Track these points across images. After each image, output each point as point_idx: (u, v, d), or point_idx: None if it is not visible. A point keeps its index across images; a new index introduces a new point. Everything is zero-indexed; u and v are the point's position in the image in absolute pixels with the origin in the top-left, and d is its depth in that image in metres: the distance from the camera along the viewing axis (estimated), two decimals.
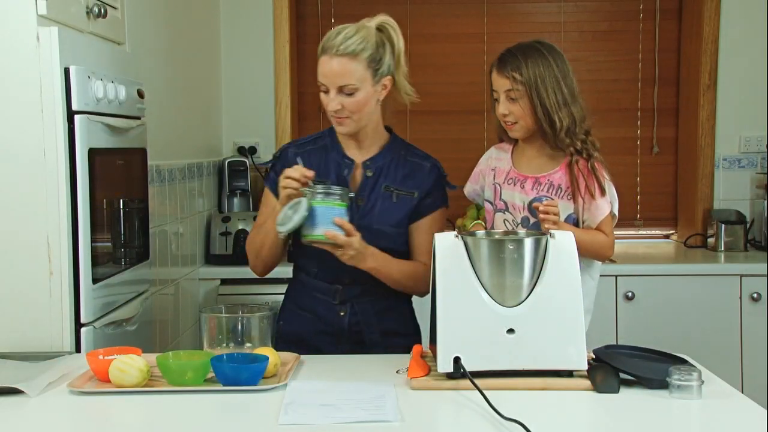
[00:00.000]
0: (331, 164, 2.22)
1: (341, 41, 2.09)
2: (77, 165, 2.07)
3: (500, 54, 2.26)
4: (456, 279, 1.81)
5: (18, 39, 2.02)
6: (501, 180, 2.28)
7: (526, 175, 2.26)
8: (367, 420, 1.57)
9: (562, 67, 2.23)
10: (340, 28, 2.13)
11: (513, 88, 2.19)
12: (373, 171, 2.22)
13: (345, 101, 2.10)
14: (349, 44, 2.08)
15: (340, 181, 2.20)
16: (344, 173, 2.21)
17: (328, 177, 2.19)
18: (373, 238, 2.14)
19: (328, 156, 2.23)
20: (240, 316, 1.96)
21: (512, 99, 2.20)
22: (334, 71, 2.09)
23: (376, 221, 2.18)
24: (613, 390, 1.73)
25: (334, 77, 2.09)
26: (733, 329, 3.45)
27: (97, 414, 1.68)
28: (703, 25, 3.97)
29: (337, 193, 2.04)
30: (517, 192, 2.25)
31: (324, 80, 2.11)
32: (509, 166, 2.29)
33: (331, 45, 2.09)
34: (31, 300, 2.06)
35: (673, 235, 4.27)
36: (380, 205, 2.20)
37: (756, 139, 4.02)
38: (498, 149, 2.35)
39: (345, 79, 2.09)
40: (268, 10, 4.00)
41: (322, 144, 2.26)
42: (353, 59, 2.09)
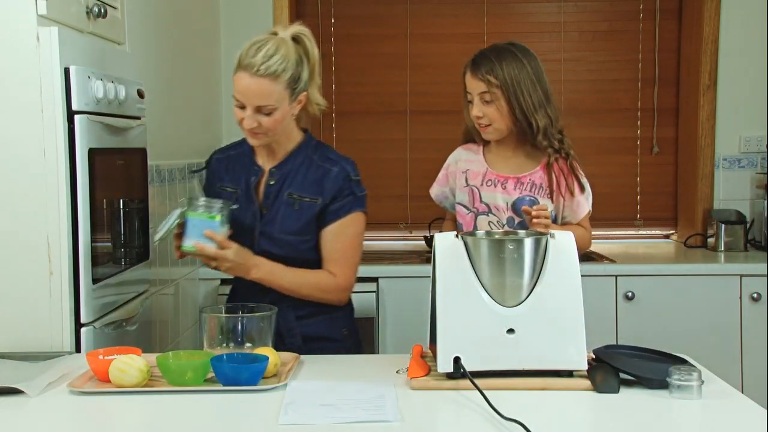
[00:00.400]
0: (243, 171, 2.25)
1: (262, 60, 2.04)
2: (77, 165, 2.07)
3: (473, 56, 2.27)
4: (456, 279, 1.81)
5: (18, 39, 2.02)
6: (478, 182, 2.28)
7: (506, 176, 2.26)
8: (367, 420, 1.57)
9: (536, 68, 2.23)
10: (260, 43, 2.08)
11: (488, 90, 2.20)
12: (276, 179, 2.21)
13: (262, 120, 2.10)
14: (270, 65, 2.05)
15: (249, 188, 2.23)
16: (252, 181, 2.24)
17: (239, 184, 2.24)
18: (276, 246, 2.18)
19: (243, 162, 2.26)
20: (240, 316, 1.96)
21: (487, 101, 2.21)
22: (253, 92, 2.06)
23: (277, 230, 2.19)
24: (613, 390, 1.73)
25: (253, 98, 2.07)
26: (733, 329, 3.45)
27: (97, 414, 1.68)
28: (703, 25, 3.98)
29: (214, 206, 2.07)
30: (499, 193, 2.26)
31: (241, 98, 2.09)
32: (484, 167, 2.28)
33: (251, 63, 2.05)
34: (31, 300, 2.06)
35: (673, 235, 4.27)
36: (282, 213, 2.20)
37: (756, 139, 4.02)
38: (466, 150, 2.34)
39: (264, 100, 2.07)
40: (268, 10, 4.00)
41: (241, 150, 2.29)
42: (274, 81, 2.06)
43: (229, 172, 2.28)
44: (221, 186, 2.28)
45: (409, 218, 4.08)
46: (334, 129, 4.13)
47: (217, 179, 2.30)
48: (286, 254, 2.19)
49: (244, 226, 2.21)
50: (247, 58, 2.07)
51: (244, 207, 2.22)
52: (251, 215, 2.21)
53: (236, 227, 2.18)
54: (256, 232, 2.20)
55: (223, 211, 2.09)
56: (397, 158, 4.07)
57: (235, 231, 2.17)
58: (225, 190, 2.26)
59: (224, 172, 2.29)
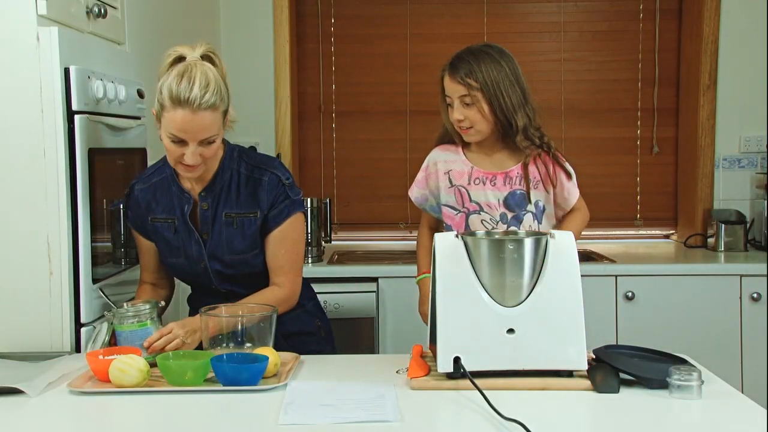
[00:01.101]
0: (174, 199, 2.16)
1: (200, 95, 1.95)
2: (77, 165, 2.07)
3: (451, 59, 2.26)
4: (456, 279, 1.81)
5: (18, 39, 2.02)
6: (464, 182, 2.28)
7: (494, 172, 2.27)
8: (367, 420, 1.57)
9: (514, 68, 2.24)
10: (186, 75, 1.97)
11: (468, 93, 2.20)
12: (208, 203, 2.14)
13: (204, 151, 2.01)
14: (208, 98, 1.96)
15: (185, 218, 2.14)
16: (185, 209, 2.15)
17: (174, 213, 2.16)
18: (227, 266, 2.15)
19: (171, 190, 2.17)
20: (240, 316, 1.96)
21: (467, 104, 2.21)
22: (196, 126, 1.96)
23: (225, 252, 2.15)
24: (613, 390, 1.73)
25: (197, 132, 1.97)
26: (733, 329, 3.45)
27: (97, 414, 1.68)
28: (703, 25, 3.97)
29: (142, 312, 2.02)
30: (489, 190, 2.26)
31: (183, 135, 1.97)
32: (468, 166, 2.29)
33: (189, 99, 1.94)
34: (31, 300, 2.06)
35: (673, 235, 4.27)
36: (225, 234, 2.14)
37: (756, 139, 4.01)
38: (444, 151, 2.34)
39: (207, 132, 1.99)
40: (268, 10, 3.99)
41: (164, 175, 2.18)
42: (214, 111, 1.99)
43: (159, 201, 2.18)
44: (153, 218, 2.18)
45: (409, 218, 4.08)
46: (334, 129, 4.13)
47: (146, 211, 2.19)
48: (238, 271, 2.17)
49: (191, 255, 2.16)
50: (181, 93, 1.95)
51: (184, 237, 2.16)
52: (194, 243, 2.15)
53: (184, 258, 2.16)
54: (204, 258, 2.15)
55: (152, 314, 2.03)
56: (397, 158, 4.07)
57: (185, 261, 2.16)
58: (158, 222, 2.18)
59: (153, 203, 2.18)
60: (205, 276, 2.18)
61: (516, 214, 2.24)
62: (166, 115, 1.98)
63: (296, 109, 4.16)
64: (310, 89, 4.20)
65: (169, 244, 2.18)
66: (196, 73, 1.98)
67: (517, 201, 2.25)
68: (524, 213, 2.25)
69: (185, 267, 2.19)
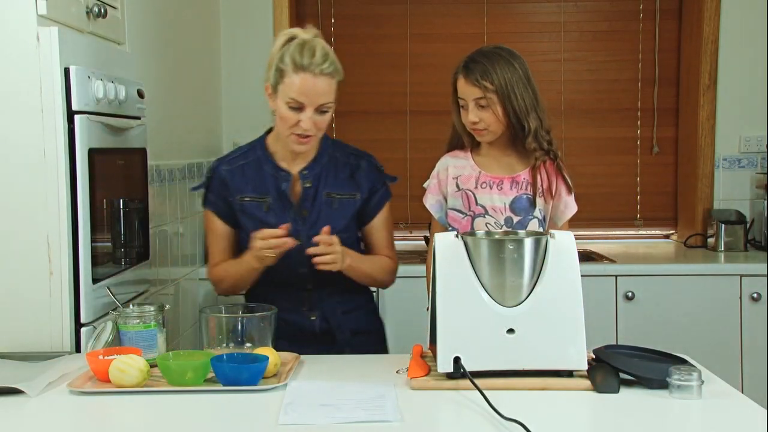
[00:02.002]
0: (267, 178, 2.22)
1: (321, 60, 2.09)
2: (77, 165, 2.07)
3: (464, 62, 2.26)
4: (456, 279, 1.81)
5: (18, 39, 2.02)
6: (471, 186, 2.28)
7: (501, 177, 2.26)
8: (367, 420, 1.57)
9: (525, 70, 2.24)
10: (308, 44, 2.10)
11: (484, 95, 2.19)
12: (311, 181, 2.22)
13: (317, 119, 2.12)
14: (329, 64, 2.10)
15: (280, 195, 2.20)
16: (282, 187, 2.21)
17: (267, 192, 2.21)
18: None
19: (263, 169, 2.23)
20: (240, 316, 1.97)
21: (482, 106, 2.20)
22: (318, 90, 2.09)
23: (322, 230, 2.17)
24: (613, 390, 1.73)
25: (317, 96, 2.10)
26: (733, 329, 3.45)
27: (97, 414, 1.68)
28: (703, 25, 3.97)
29: (147, 313, 2.02)
30: (495, 194, 2.26)
31: (303, 98, 2.10)
32: (476, 171, 2.28)
33: (312, 63, 2.08)
34: (31, 300, 2.06)
35: (673, 235, 4.27)
36: (324, 212, 2.22)
37: (756, 139, 4.02)
38: (453, 158, 2.33)
39: (326, 97, 2.11)
40: (268, 10, 4.00)
41: (254, 157, 2.26)
42: (332, 78, 2.12)
43: (248, 181, 2.23)
44: (241, 198, 2.23)
45: (409, 218, 4.08)
46: (334, 129, 4.13)
47: (234, 191, 2.24)
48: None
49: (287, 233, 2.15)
50: (304, 59, 2.08)
51: (279, 214, 2.20)
52: (290, 221, 2.18)
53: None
54: (301, 236, 2.17)
55: (157, 316, 2.02)
56: (397, 158, 4.07)
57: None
58: (246, 201, 2.23)
59: (241, 182, 2.24)
60: (296, 255, 2.15)
61: (521, 219, 2.24)
62: (286, 81, 2.10)
63: None
64: None
65: (259, 222, 2.19)
66: (316, 45, 2.11)
67: (523, 206, 2.25)
68: (530, 218, 2.25)
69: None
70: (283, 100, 2.12)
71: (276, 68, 2.12)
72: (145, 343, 1.96)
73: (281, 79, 2.11)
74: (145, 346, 1.95)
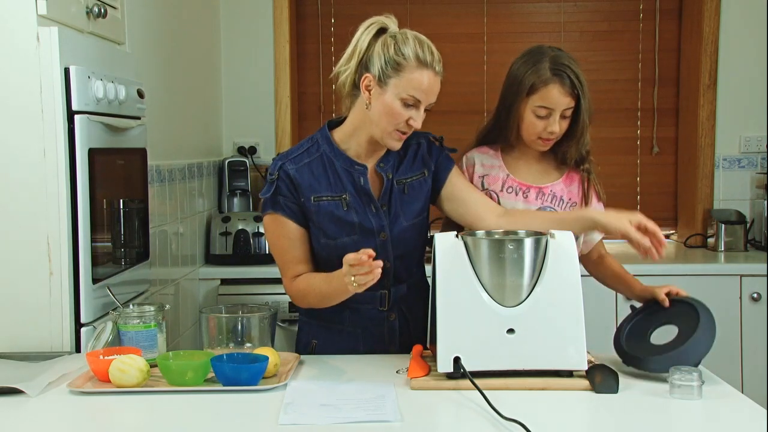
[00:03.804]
0: (342, 174, 2.08)
1: (437, 60, 2.02)
2: (77, 165, 2.07)
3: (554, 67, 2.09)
4: (456, 279, 1.81)
5: (18, 39, 2.02)
6: (497, 188, 2.21)
7: (528, 185, 2.19)
8: (367, 420, 1.57)
9: None
10: (426, 43, 2.02)
11: (572, 106, 2.10)
12: (389, 173, 2.12)
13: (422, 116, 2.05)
14: (440, 64, 2.03)
15: (359, 190, 2.08)
16: (360, 181, 2.08)
17: (343, 189, 2.07)
18: (407, 231, 2.11)
19: (335, 165, 2.08)
20: (240, 316, 1.97)
21: (565, 117, 2.11)
22: (435, 89, 2.02)
23: (404, 218, 2.12)
24: (612, 390, 1.73)
25: (434, 95, 2.03)
26: (733, 329, 3.45)
27: (97, 414, 1.68)
28: (703, 25, 3.97)
29: (147, 313, 2.01)
30: (520, 202, 2.19)
31: (423, 96, 2.00)
32: (504, 173, 2.20)
33: (434, 61, 2.01)
34: (31, 300, 2.06)
35: (673, 235, 4.27)
36: (398, 202, 2.12)
37: (756, 139, 4.02)
38: (482, 154, 2.24)
39: (436, 96, 2.04)
40: (268, 10, 4.00)
41: (318, 155, 2.09)
42: (440, 77, 2.04)
43: (320, 179, 2.07)
44: (316, 198, 2.06)
45: None
46: None
47: (307, 191, 2.06)
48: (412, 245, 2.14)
49: (369, 229, 2.08)
50: (425, 55, 1.99)
51: (359, 211, 2.08)
52: (372, 216, 2.08)
53: (359, 234, 2.07)
54: (385, 228, 2.09)
55: (157, 316, 2.01)
56: None
57: (359, 237, 2.06)
58: (324, 201, 2.07)
59: (313, 181, 2.07)
60: (382, 249, 2.07)
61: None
62: (406, 76, 1.98)
63: (296, 109, 4.16)
64: (310, 89, 4.20)
65: (339, 222, 2.07)
66: (429, 43, 2.03)
67: None
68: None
69: (358, 245, 1.99)
70: (397, 95, 1.99)
71: (391, 61, 1.98)
72: (145, 343, 1.96)
73: (398, 73, 1.98)
74: (145, 346, 1.95)
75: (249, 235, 3.57)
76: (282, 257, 2.10)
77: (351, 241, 2.05)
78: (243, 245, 3.57)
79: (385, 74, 1.99)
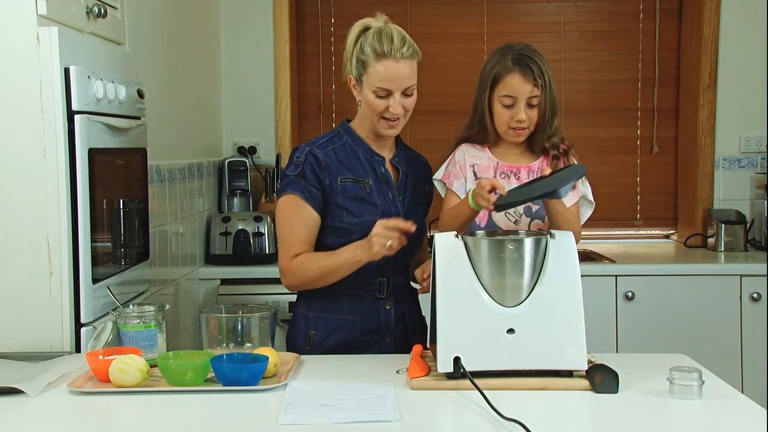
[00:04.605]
0: (364, 161, 2.22)
1: (400, 44, 2.12)
2: (77, 165, 2.07)
3: (516, 57, 2.17)
4: (456, 279, 1.81)
5: (18, 39, 2.02)
6: (489, 175, 2.25)
7: (518, 166, 2.24)
8: (367, 420, 1.57)
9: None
10: (386, 32, 2.14)
11: (536, 94, 2.16)
12: (403, 167, 2.27)
13: (405, 102, 2.15)
14: (407, 47, 2.13)
15: (379, 177, 2.21)
16: (381, 169, 2.22)
17: (366, 174, 2.20)
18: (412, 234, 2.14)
19: (358, 153, 2.22)
20: (240, 316, 1.97)
21: (532, 105, 2.16)
22: (402, 74, 2.12)
23: (415, 215, 2.22)
24: (611, 390, 1.73)
25: (402, 80, 2.13)
26: (733, 329, 3.45)
27: (97, 414, 1.68)
28: (703, 25, 3.98)
29: (147, 313, 2.01)
30: (514, 183, 2.23)
31: (390, 85, 2.12)
32: (494, 161, 2.25)
33: (393, 48, 2.11)
34: (31, 300, 2.06)
35: (673, 235, 4.27)
36: (412, 199, 2.27)
37: (756, 139, 4.02)
38: (472, 147, 2.29)
39: (411, 80, 2.14)
40: (268, 10, 4.00)
41: (341, 143, 2.23)
42: (413, 60, 2.15)
43: (346, 164, 2.20)
44: (343, 179, 2.18)
45: None
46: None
47: (335, 173, 2.18)
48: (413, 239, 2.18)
49: (390, 212, 2.18)
50: (384, 46, 2.11)
51: (380, 195, 2.20)
52: (390, 203, 2.21)
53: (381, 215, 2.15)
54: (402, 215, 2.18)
55: (157, 316, 2.01)
56: None
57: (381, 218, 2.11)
58: (349, 182, 2.18)
59: (341, 165, 2.19)
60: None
61: (539, 209, 2.22)
62: (370, 71, 2.13)
63: (296, 109, 4.16)
64: (310, 89, 4.20)
65: (363, 202, 2.18)
66: (391, 30, 2.15)
67: None
68: None
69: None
70: (369, 89, 2.14)
71: (357, 60, 2.15)
72: (145, 343, 1.96)
73: (364, 69, 2.14)
74: (145, 346, 1.95)
75: (249, 235, 3.57)
76: (289, 236, 2.18)
77: (373, 221, 2.10)
78: (243, 245, 3.57)
79: (359, 72, 2.16)
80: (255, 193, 3.92)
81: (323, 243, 2.19)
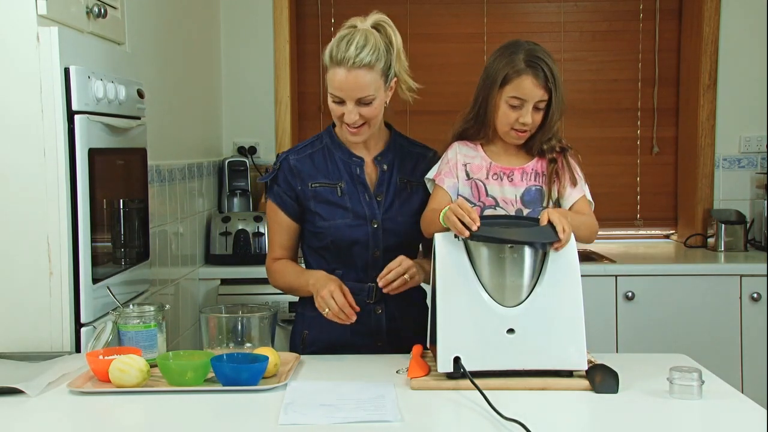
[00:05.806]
0: (339, 164, 2.21)
1: (355, 53, 2.05)
2: (77, 165, 2.07)
3: (528, 59, 2.12)
4: (456, 279, 1.81)
5: (18, 39, 2.02)
6: (482, 176, 2.22)
7: (511, 168, 2.22)
8: (367, 420, 1.57)
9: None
10: (348, 37, 2.09)
11: (545, 98, 2.12)
12: (386, 165, 2.23)
13: (362, 111, 2.10)
14: (363, 56, 2.05)
15: (354, 179, 2.19)
16: (356, 171, 2.20)
17: (339, 177, 2.19)
18: (401, 226, 2.18)
19: (334, 156, 2.22)
20: (240, 316, 1.97)
21: (538, 109, 2.14)
22: (352, 85, 2.06)
23: (399, 213, 2.20)
24: (612, 390, 1.73)
25: (352, 91, 2.07)
26: (733, 329, 3.45)
27: (97, 414, 1.68)
28: (703, 25, 3.98)
29: (146, 313, 2.01)
30: (506, 186, 2.21)
31: (340, 93, 2.08)
32: (487, 161, 2.22)
33: (345, 57, 2.05)
34: (31, 300, 2.06)
35: (673, 235, 4.27)
36: (400, 197, 2.22)
37: (756, 139, 4.02)
38: (464, 146, 2.25)
39: (363, 91, 2.07)
40: (268, 10, 4.00)
41: (320, 146, 2.23)
42: (369, 70, 2.06)
43: (318, 169, 2.21)
44: (313, 184, 2.20)
45: None
46: None
47: (306, 178, 2.20)
48: (404, 240, 2.19)
49: (362, 215, 2.17)
50: (339, 53, 2.07)
51: (353, 197, 2.19)
52: (365, 204, 2.19)
53: (352, 218, 2.17)
54: (377, 216, 2.18)
55: (157, 316, 2.01)
56: None
57: (352, 221, 2.16)
58: (318, 187, 2.19)
59: (313, 170, 2.21)
60: (373, 237, 2.17)
61: (532, 211, 2.21)
62: (328, 75, 2.10)
63: (296, 109, 4.16)
64: (310, 89, 4.20)
65: (333, 205, 2.18)
66: (355, 36, 2.09)
67: (532, 197, 2.21)
68: (540, 209, 2.22)
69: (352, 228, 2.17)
70: (329, 93, 2.12)
71: (323, 61, 2.13)
72: (145, 343, 1.96)
73: (325, 73, 2.12)
74: (145, 346, 1.95)
75: (249, 235, 3.58)
76: (271, 240, 2.30)
77: (344, 224, 2.18)
78: (243, 245, 3.57)
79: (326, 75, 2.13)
80: (255, 193, 3.92)
81: (306, 245, 2.26)
